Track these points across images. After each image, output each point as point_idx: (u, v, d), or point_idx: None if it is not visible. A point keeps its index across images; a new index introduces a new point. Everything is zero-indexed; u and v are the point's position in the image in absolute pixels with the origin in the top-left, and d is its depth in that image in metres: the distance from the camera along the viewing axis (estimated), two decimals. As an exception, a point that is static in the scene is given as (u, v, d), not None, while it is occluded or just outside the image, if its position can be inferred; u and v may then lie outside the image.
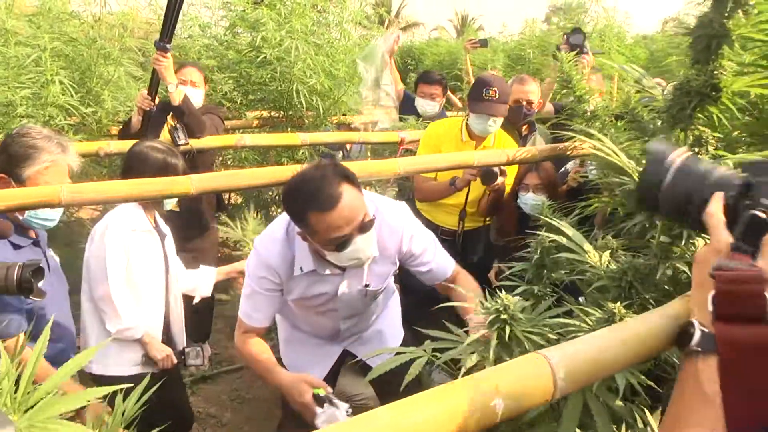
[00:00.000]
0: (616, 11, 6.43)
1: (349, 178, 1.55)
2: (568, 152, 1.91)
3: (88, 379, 2.07)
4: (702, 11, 1.17)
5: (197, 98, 3.07)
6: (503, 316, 0.97)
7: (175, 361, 2.14)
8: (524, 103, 2.97)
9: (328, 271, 1.73)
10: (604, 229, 1.48)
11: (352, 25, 3.95)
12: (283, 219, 1.76)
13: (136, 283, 2.10)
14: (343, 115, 3.90)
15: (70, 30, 3.31)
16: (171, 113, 2.80)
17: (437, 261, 1.83)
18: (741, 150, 1.39)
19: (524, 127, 2.99)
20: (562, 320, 1.07)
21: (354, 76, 3.83)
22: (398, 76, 4.54)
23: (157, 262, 2.17)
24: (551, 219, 1.40)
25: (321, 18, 3.82)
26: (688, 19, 1.21)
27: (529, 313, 1.08)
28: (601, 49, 5.26)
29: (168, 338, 2.26)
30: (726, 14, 1.12)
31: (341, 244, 1.54)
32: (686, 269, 1.13)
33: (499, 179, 2.43)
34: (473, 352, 0.99)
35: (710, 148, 1.13)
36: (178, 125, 2.74)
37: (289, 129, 3.75)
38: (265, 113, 4.04)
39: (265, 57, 3.45)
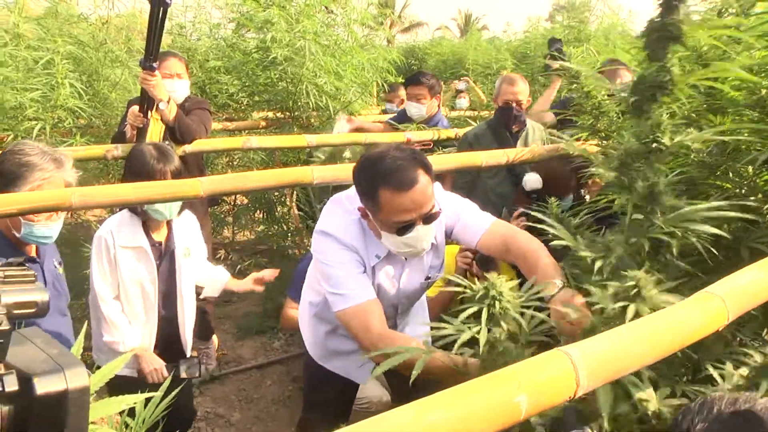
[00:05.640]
0: (620, 9, 6.43)
1: (427, 167, 1.54)
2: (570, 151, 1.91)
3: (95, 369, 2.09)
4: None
5: (183, 90, 2.99)
6: (492, 293, 1.01)
7: (166, 374, 2.09)
8: (514, 104, 2.93)
9: (391, 261, 1.67)
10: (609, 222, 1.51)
11: (358, 26, 3.96)
12: (346, 207, 1.67)
13: (128, 300, 2.10)
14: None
15: (78, 33, 3.33)
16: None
17: (472, 219, 1.72)
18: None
19: (515, 128, 2.97)
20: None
21: (360, 76, 3.84)
22: None
23: (149, 279, 2.13)
24: (534, 211, 1.47)
25: (328, 19, 3.82)
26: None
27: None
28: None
29: (177, 345, 2.27)
30: (668, 14, 1.21)
31: (403, 228, 1.53)
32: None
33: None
34: (467, 328, 1.02)
35: (668, 134, 1.21)
36: (167, 142, 2.67)
37: (295, 129, 3.76)
38: (271, 114, 4.04)
39: (275, 58, 3.45)
